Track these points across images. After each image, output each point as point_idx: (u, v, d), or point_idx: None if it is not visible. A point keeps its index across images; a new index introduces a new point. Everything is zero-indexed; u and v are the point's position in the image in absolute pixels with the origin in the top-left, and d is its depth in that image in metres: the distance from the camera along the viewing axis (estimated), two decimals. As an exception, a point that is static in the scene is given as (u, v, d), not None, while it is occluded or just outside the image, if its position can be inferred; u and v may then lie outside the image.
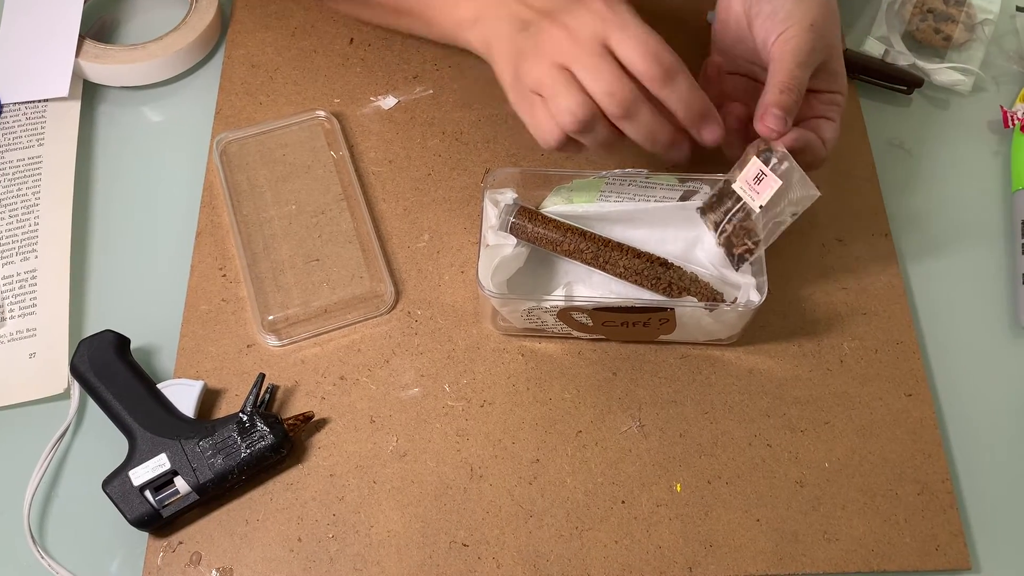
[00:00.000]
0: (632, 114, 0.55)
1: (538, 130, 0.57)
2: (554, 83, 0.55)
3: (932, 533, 0.58)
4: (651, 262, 0.61)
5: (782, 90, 0.56)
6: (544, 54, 0.55)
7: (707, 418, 0.62)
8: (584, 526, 0.58)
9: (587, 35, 0.54)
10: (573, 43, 0.54)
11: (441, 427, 0.61)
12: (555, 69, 0.55)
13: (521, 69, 0.56)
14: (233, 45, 0.78)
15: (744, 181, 0.58)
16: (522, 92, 0.57)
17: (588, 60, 0.54)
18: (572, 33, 0.55)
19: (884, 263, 0.68)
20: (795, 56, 0.57)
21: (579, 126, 0.55)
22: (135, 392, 0.59)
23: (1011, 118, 0.73)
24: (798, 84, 0.57)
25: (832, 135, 0.61)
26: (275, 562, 0.57)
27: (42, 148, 0.71)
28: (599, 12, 0.55)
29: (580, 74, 0.54)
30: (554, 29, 0.55)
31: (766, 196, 0.56)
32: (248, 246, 0.66)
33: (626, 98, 0.54)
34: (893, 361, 0.64)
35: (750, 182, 0.57)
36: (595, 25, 0.54)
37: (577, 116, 0.54)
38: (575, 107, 0.54)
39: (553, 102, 0.55)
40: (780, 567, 0.57)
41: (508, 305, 0.61)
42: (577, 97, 0.54)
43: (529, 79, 0.56)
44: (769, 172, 0.56)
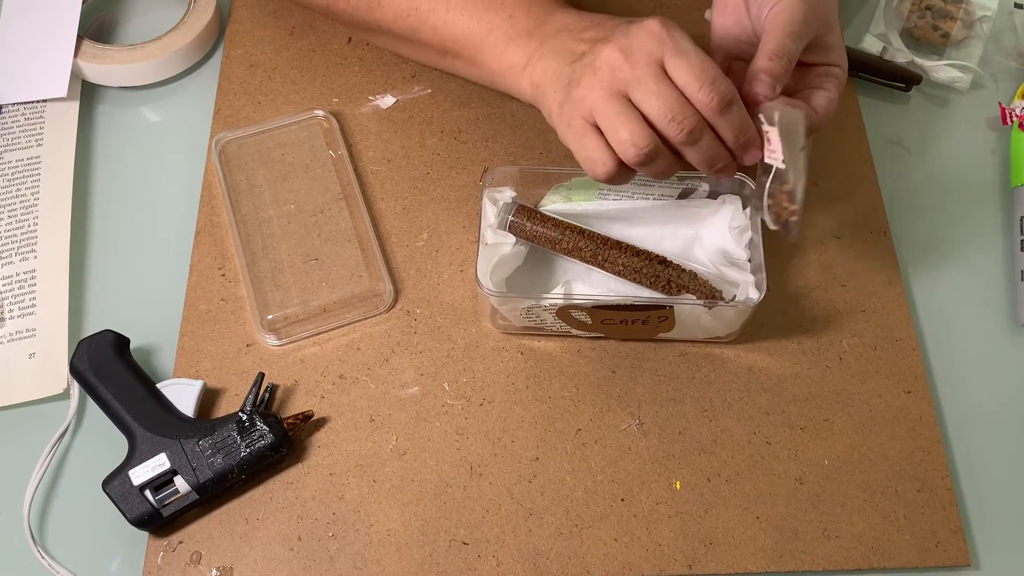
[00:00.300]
0: (696, 139, 0.52)
1: (590, 162, 0.54)
2: (613, 112, 0.52)
3: (932, 530, 0.58)
4: (650, 260, 0.61)
5: (771, 57, 0.55)
6: (600, 79, 0.53)
7: (706, 416, 0.62)
8: (584, 524, 0.58)
9: (644, 58, 0.52)
10: (631, 66, 0.52)
11: (441, 425, 0.61)
12: (612, 96, 0.52)
13: (573, 95, 0.54)
14: (231, 45, 0.78)
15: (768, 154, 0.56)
16: (572, 120, 0.54)
17: (649, 83, 0.51)
18: (629, 55, 0.52)
19: (883, 260, 0.68)
20: (787, 26, 0.56)
21: (643, 158, 0.52)
22: (135, 392, 0.59)
23: (1009, 115, 0.73)
24: (788, 52, 0.55)
25: (826, 103, 0.58)
26: (275, 561, 0.57)
27: (41, 148, 0.71)
28: (656, 34, 0.52)
29: (640, 98, 0.52)
30: (608, 51, 0.53)
31: (779, 148, 0.55)
32: (247, 245, 0.66)
33: (691, 123, 0.52)
34: (892, 358, 0.64)
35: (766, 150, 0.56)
36: (652, 47, 0.52)
37: (641, 148, 0.52)
38: (639, 139, 0.51)
39: (614, 133, 0.52)
40: (780, 564, 0.57)
41: (507, 303, 0.61)
42: (640, 128, 0.51)
43: (583, 107, 0.53)
44: (768, 128, 0.55)
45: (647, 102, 0.52)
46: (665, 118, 0.52)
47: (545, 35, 0.58)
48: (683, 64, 0.52)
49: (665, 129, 0.52)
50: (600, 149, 0.53)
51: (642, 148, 0.52)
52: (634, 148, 0.52)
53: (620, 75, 0.52)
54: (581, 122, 0.54)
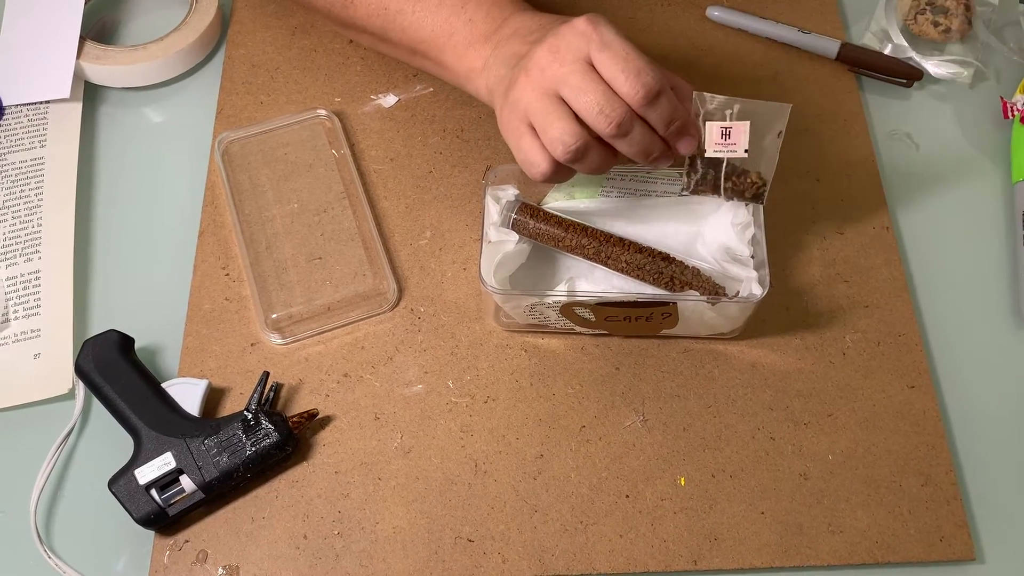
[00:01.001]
0: (626, 131, 0.53)
1: (526, 162, 0.55)
2: (544, 111, 0.53)
3: (936, 524, 0.58)
4: (653, 257, 0.62)
5: None
6: (531, 80, 0.54)
7: (710, 412, 0.62)
8: (589, 520, 0.58)
9: (571, 54, 0.53)
10: (559, 64, 0.53)
11: (445, 423, 0.62)
12: (544, 96, 0.53)
13: (510, 98, 0.55)
14: (234, 45, 0.78)
15: (714, 145, 0.57)
16: (510, 121, 0.55)
17: (574, 79, 0.52)
18: (557, 54, 0.53)
19: (886, 256, 0.68)
20: None
21: (572, 155, 0.53)
22: (140, 391, 0.59)
23: (1011, 109, 0.73)
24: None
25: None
26: (281, 559, 0.57)
27: (44, 150, 0.72)
28: (582, 31, 0.53)
29: (568, 95, 0.53)
30: (539, 52, 0.54)
31: (744, 140, 0.56)
32: (251, 245, 0.67)
33: (618, 116, 0.52)
34: (895, 353, 0.64)
35: (720, 142, 0.57)
36: (579, 43, 0.53)
37: (569, 145, 0.52)
38: (567, 136, 0.52)
39: (545, 132, 0.53)
40: (785, 560, 0.57)
41: (511, 301, 0.61)
42: (568, 125, 0.52)
43: (518, 108, 0.54)
44: (732, 122, 0.56)
45: (575, 98, 0.53)
46: (592, 112, 0.52)
47: (500, 39, 0.59)
48: (608, 57, 0.52)
49: (594, 123, 0.53)
50: (535, 150, 0.54)
51: (570, 145, 0.53)
52: (562, 145, 0.53)
53: (549, 74, 0.53)
54: (517, 123, 0.55)
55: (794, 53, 0.78)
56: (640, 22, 0.79)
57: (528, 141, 0.54)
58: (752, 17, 0.79)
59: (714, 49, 0.78)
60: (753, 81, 0.76)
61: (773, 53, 0.78)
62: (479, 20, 0.60)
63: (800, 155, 0.72)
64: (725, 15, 0.79)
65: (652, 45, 0.78)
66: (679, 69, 0.76)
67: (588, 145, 0.53)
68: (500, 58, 0.58)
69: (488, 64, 0.59)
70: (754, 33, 0.79)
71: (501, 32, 0.59)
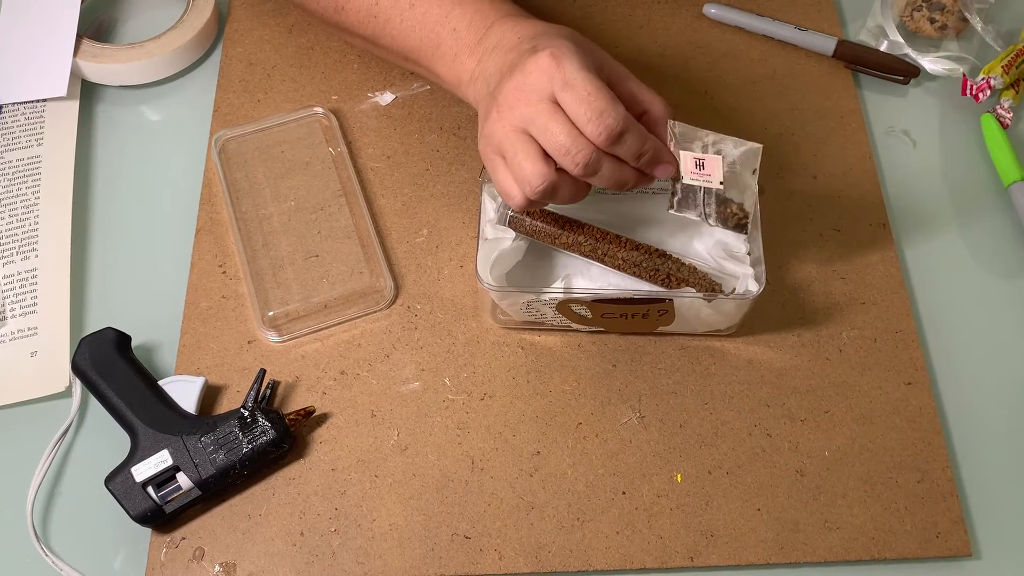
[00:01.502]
0: (594, 171, 0.53)
1: (503, 193, 0.56)
2: (514, 150, 0.53)
3: (932, 520, 0.59)
4: (649, 254, 0.62)
5: None
6: (502, 116, 0.54)
7: (707, 408, 0.62)
8: (585, 517, 0.58)
9: (536, 95, 0.53)
10: (526, 104, 0.53)
11: (442, 420, 0.62)
12: (514, 132, 0.53)
13: (485, 131, 0.55)
14: (231, 43, 0.78)
15: (690, 174, 0.57)
16: (485, 152, 0.56)
17: (540, 120, 0.52)
18: (523, 93, 0.53)
19: (882, 252, 0.68)
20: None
21: (541, 195, 0.53)
22: (136, 389, 0.59)
23: (971, 87, 0.73)
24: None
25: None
26: (278, 556, 0.57)
27: (41, 148, 0.72)
28: (545, 69, 0.52)
29: (536, 134, 0.53)
30: (508, 89, 0.54)
31: (718, 173, 0.56)
32: (247, 243, 0.67)
33: (584, 157, 0.52)
34: (892, 350, 0.64)
35: (696, 172, 0.57)
36: (542, 83, 0.53)
37: (536, 187, 0.53)
38: (534, 178, 0.53)
39: (516, 170, 0.53)
40: (781, 556, 0.57)
41: (507, 298, 0.61)
42: (536, 167, 0.53)
43: (492, 142, 0.55)
44: (705, 155, 0.56)
45: (542, 138, 0.53)
46: (560, 153, 0.53)
47: (483, 52, 0.59)
48: (570, 98, 0.52)
49: (562, 162, 0.53)
50: (509, 182, 0.55)
51: (537, 186, 0.53)
52: (530, 187, 0.53)
53: (517, 112, 0.53)
54: (492, 155, 0.55)
55: (791, 50, 0.78)
56: (637, 19, 0.79)
57: (503, 173, 0.55)
58: (749, 14, 0.79)
59: (711, 46, 0.78)
60: (750, 79, 0.76)
61: (770, 50, 0.78)
62: (463, 30, 0.60)
63: (797, 152, 0.72)
64: (722, 12, 0.79)
65: (648, 42, 0.78)
66: (675, 67, 0.77)
67: (556, 184, 0.54)
68: (482, 75, 0.58)
69: (474, 76, 0.59)
70: (751, 30, 0.79)
71: (484, 44, 0.59)
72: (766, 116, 0.74)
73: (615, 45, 0.78)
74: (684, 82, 0.76)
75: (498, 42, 0.58)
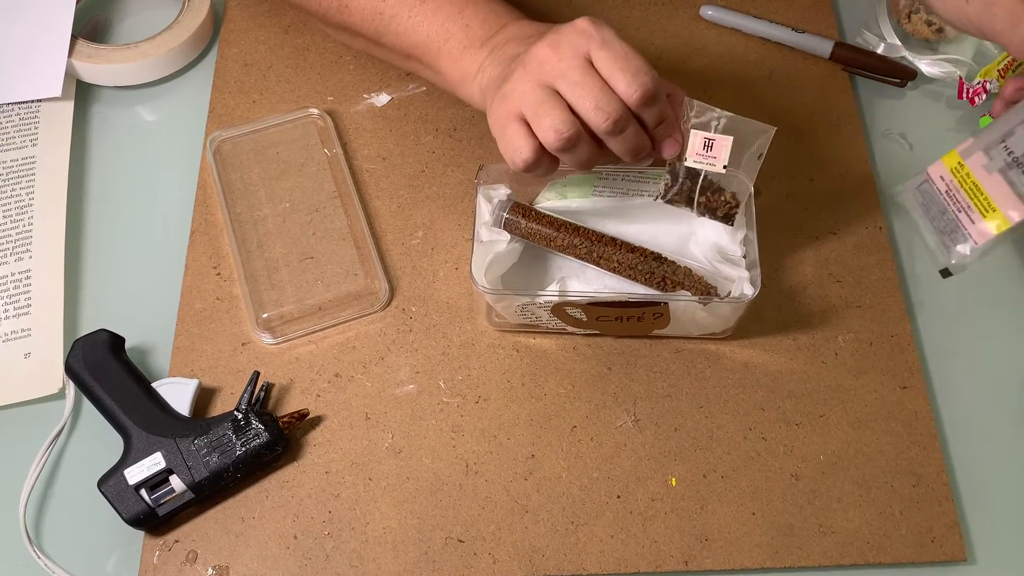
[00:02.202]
0: (621, 129, 0.54)
1: (510, 148, 0.55)
2: (538, 101, 0.53)
3: (928, 525, 0.58)
4: (645, 257, 0.61)
5: None
6: (528, 72, 0.54)
7: (702, 412, 0.62)
8: (580, 521, 0.58)
9: (571, 50, 0.53)
10: (559, 58, 0.53)
11: (436, 423, 0.61)
12: (539, 87, 0.53)
13: (504, 90, 0.55)
14: (226, 43, 0.78)
15: (695, 155, 0.57)
16: (499, 111, 0.55)
17: (574, 75, 0.53)
18: (557, 49, 0.53)
19: (878, 256, 0.68)
20: None
21: (563, 143, 0.53)
22: (130, 391, 0.59)
23: (967, 91, 0.73)
24: None
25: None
26: (271, 560, 0.57)
27: (35, 148, 0.71)
28: (584, 30, 0.54)
29: (565, 89, 0.53)
30: (538, 47, 0.54)
31: (724, 155, 0.56)
32: (242, 244, 0.66)
33: (615, 112, 0.53)
34: (888, 354, 0.64)
35: (701, 153, 0.57)
36: (579, 41, 0.53)
37: (562, 133, 0.53)
38: (560, 124, 0.53)
39: (537, 121, 0.53)
40: (776, 560, 0.57)
41: (502, 301, 0.61)
42: (563, 114, 0.53)
43: (511, 100, 0.54)
44: (716, 135, 0.56)
45: (572, 92, 0.53)
46: (589, 108, 0.53)
47: (496, 44, 0.59)
48: (608, 56, 0.53)
49: (590, 118, 0.53)
50: (520, 136, 0.54)
51: (563, 132, 0.53)
52: (555, 133, 0.53)
53: (547, 67, 0.53)
54: (507, 113, 0.55)
55: (788, 53, 0.78)
56: (634, 21, 0.79)
57: (515, 128, 0.54)
58: (746, 16, 0.78)
59: (707, 48, 0.78)
60: (747, 81, 0.76)
61: (767, 52, 0.78)
62: (476, 26, 0.60)
63: (793, 155, 0.72)
64: (719, 14, 0.79)
65: (646, 44, 0.78)
66: (673, 68, 0.77)
67: (580, 135, 0.54)
68: (496, 60, 0.58)
69: (483, 68, 0.59)
70: (748, 32, 0.79)
71: (497, 38, 0.59)
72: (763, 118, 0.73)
73: (612, 47, 0.78)
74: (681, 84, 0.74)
75: (514, 35, 0.59)
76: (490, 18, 0.61)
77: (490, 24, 0.60)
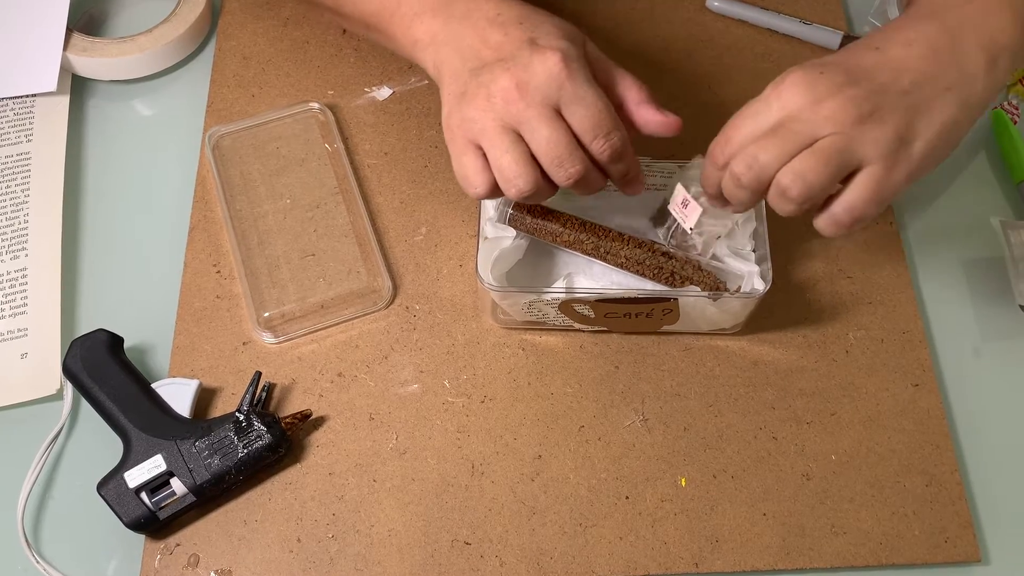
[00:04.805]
0: (582, 183, 0.53)
1: (464, 180, 0.53)
2: (501, 147, 0.52)
3: (941, 525, 0.58)
4: (652, 252, 0.60)
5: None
6: (492, 107, 0.52)
7: (711, 411, 0.61)
8: (588, 522, 0.57)
9: (540, 98, 0.51)
10: (526, 104, 0.51)
11: (441, 423, 0.60)
12: (502, 128, 0.52)
13: (465, 113, 0.53)
14: (224, 37, 0.76)
15: (674, 204, 0.58)
16: (456, 135, 0.53)
17: (540, 125, 0.51)
18: (524, 92, 0.51)
19: (890, 252, 0.67)
20: None
21: (523, 197, 0.52)
22: (129, 392, 0.58)
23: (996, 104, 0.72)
24: None
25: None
26: (275, 563, 0.56)
27: (30, 144, 0.70)
28: (556, 76, 0.51)
29: (529, 137, 0.52)
30: (506, 80, 0.51)
31: (693, 219, 0.57)
32: (242, 241, 0.65)
33: (578, 170, 0.52)
34: (899, 351, 0.63)
35: (678, 205, 0.58)
36: (550, 89, 0.51)
37: (522, 190, 0.52)
38: (521, 181, 0.51)
39: (498, 168, 0.52)
40: (787, 562, 0.56)
41: (509, 298, 0.60)
42: (524, 169, 0.51)
43: (471, 128, 0.52)
44: (691, 199, 0.57)
45: (535, 142, 0.52)
46: (553, 162, 0.52)
47: (450, 15, 0.56)
48: (580, 113, 0.52)
49: (551, 170, 0.52)
50: (476, 171, 0.53)
51: (523, 189, 0.52)
52: (515, 189, 0.52)
53: (512, 109, 0.52)
54: (464, 139, 0.53)
55: (796, 44, 0.77)
56: (639, 12, 0.78)
57: (471, 159, 0.53)
58: (753, 8, 0.77)
59: (714, 40, 0.77)
60: (753, 73, 0.75)
61: (774, 44, 0.77)
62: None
63: (802, 148, 0.71)
64: (725, 5, 0.78)
65: (651, 36, 0.77)
66: (678, 60, 0.76)
67: (539, 189, 0.53)
68: (452, 41, 0.55)
69: (436, 40, 0.56)
70: (755, 24, 0.77)
71: (452, 8, 0.56)
72: (770, 111, 0.73)
73: (616, 37, 0.76)
74: (687, 76, 0.75)
75: (470, 11, 0.55)
76: None
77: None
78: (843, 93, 0.48)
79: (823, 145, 0.48)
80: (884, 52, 0.50)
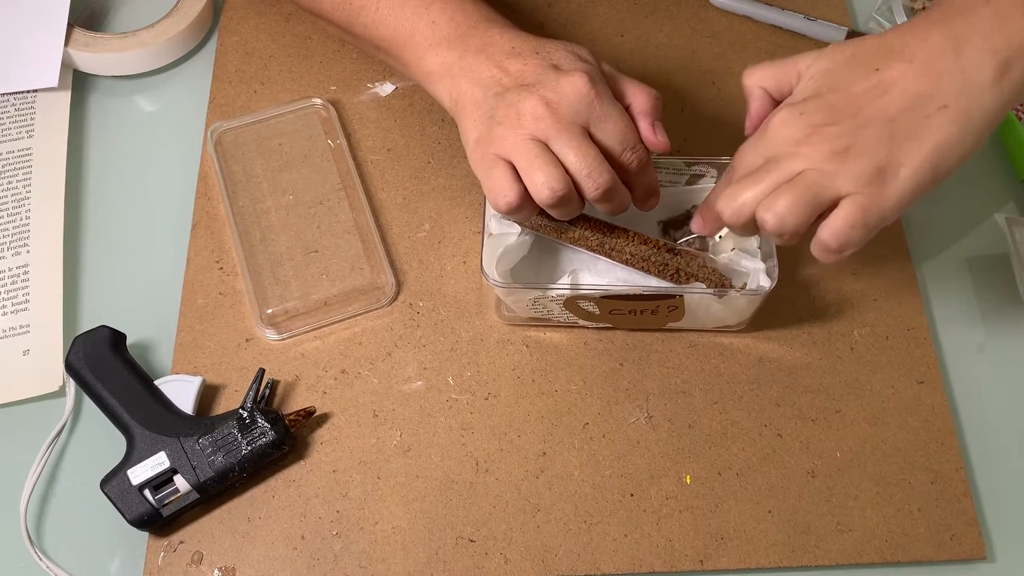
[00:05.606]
0: (609, 197, 0.54)
1: (494, 189, 0.54)
2: (532, 155, 0.53)
3: (946, 523, 0.57)
4: (658, 248, 0.60)
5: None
6: (522, 125, 0.53)
7: (716, 408, 0.61)
8: (593, 520, 0.57)
9: (570, 116, 0.53)
10: (555, 120, 0.53)
11: (445, 421, 0.60)
12: (532, 141, 0.53)
13: (494, 132, 0.54)
14: (226, 32, 0.76)
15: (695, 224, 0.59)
16: (486, 153, 0.54)
17: (570, 140, 0.53)
18: (555, 111, 0.53)
19: (894, 248, 0.67)
20: None
21: (556, 201, 0.53)
22: (132, 389, 0.58)
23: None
24: None
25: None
26: (278, 561, 0.56)
27: (32, 140, 0.70)
28: (584, 96, 0.53)
29: (559, 150, 0.53)
30: (534, 100, 0.53)
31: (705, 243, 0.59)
32: (245, 238, 0.65)
33: (607, 183, 0.54)
34: (904, 348, 0.63)
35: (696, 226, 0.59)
36: (580, 108, 0.53)
37: (556, 192, 0.53)
38: (555, 182, 0.52)
39: (530, 174, 0.53)
40: (792, 559, 0.56)
41: (513, 295, 0.59)
42: (556, 172, 0.53)
43: (501, 145, 0.54)
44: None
45: (566, 156, 0.53)
46: (582, 173, 0.53)
47: (466, 48, 0.57)
48: (608, 129, 0.54)
49: (581, 183, 0.54)
50: (507, 180, 0.54)
51: (557, 192, 0.53)
52: (549, 190, 0.53)
53: (543, 125, 0.53)
54: (493, 156, 0.54)
55: (799, 40, 0.77)
56: (643, 8, 0.78)
57: (501, 171, 0.54)
58: (757, 4, 0.77)
59: (718, 36, 0.77)
60: (758, 69, 0.75)
61: (778, 40, 0.77)
62: (442, 23, 0.59)
63: (806, 145, 0.71)
64: (729, 1, 0.77)
65: (654, 32, 0.76)
66: (682, 56, 0.75)
67: (571, 195, 0.54)
68: (469, 73, 0.57)
69: (452, 72, 0.57)
70: (759, 20, 0.77)
71: (467, 41, 0.58)
72: (775, 108, 0.73)
73: (620, 34, 0.76)
74: (690, 72, 0.75)
75: (485, 44, 0.57)
76: (457, 16, 0.59)
77: (458, 23, 0.59)
78: (819, 132, 0.49)
79: (796, 180, 0.49)
80: (882, 73, 0.50)
